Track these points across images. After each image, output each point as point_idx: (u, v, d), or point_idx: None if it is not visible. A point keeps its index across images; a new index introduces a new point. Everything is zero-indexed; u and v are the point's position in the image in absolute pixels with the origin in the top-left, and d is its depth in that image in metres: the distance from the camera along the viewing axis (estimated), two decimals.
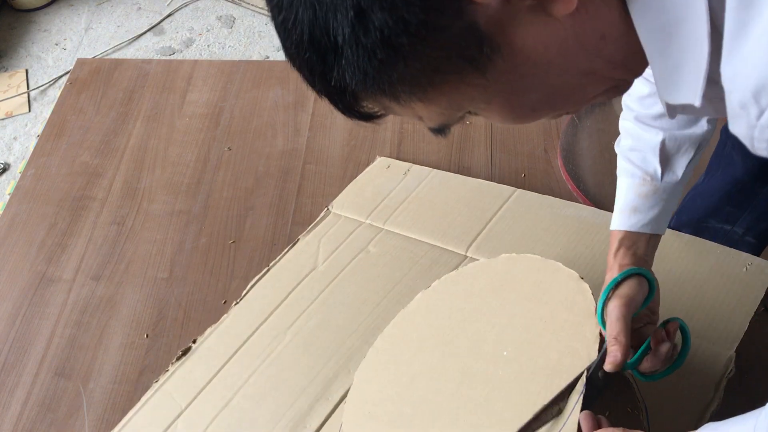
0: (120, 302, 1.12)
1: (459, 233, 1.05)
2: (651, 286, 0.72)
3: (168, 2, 1.73)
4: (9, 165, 1.39)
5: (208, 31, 1.64)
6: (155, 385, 0.96)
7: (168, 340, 1.07)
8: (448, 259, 1.02)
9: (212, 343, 1.00)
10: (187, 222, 1.23)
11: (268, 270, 1.07)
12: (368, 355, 0.86)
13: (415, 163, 1.28)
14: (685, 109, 0.48)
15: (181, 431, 0.90)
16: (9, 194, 1.32)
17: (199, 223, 1.23)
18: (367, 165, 1.29)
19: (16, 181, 1.33)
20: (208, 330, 1.01)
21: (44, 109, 1.50)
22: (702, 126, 0.74)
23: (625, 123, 0.78)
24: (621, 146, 0.78)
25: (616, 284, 0.71)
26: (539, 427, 0.67)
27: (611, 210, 0.77)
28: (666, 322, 0.71)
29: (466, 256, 1.02)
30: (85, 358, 1.06)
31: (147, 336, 1.08)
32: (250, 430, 0.88)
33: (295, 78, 1.51)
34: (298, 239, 1.12)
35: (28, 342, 1.09)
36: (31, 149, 1.39)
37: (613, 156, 1.32)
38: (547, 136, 1.30)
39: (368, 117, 0.51)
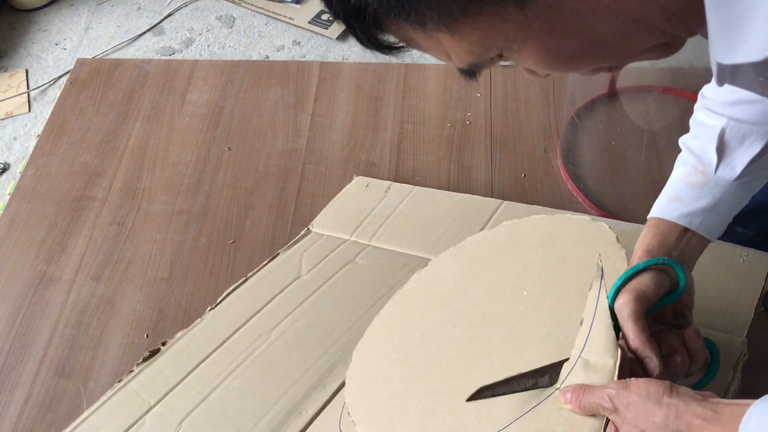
0: (120, 302, 1.12)
1: (450, 246, 1.01)
2: (679, 282, 0.62)
3: (168, 2, 1.73)
4: (9, 165, 1.39)
5: (208, 31, 1.64)
6: (117, 385, 0.90)
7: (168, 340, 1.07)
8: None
9: (185, 344, 0.95)
10: (187, 222, 1.23)
11: (245, 280, 1.03)
12: (366, 335, 0.81)
13: (416, 163, 1.28)
14: (737, 76, 0.41)
15: (149, 427, 0.83)
16: (9, 194, 1.32)
17: (199, 223, 1.23)
18: (367, 165, 1.29)
19: (16, 181, 1.33)
20: (180, 333, 0.97)
21: (44, 109, 1.50)
22: None
23: (694, 114, 0.70)
24: (683, 136, 0.70)
25: (631, 276, 0.62)
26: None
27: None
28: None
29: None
30: (85, 358, 1.06)
31: (147, 336, 1.08)
32: (236, 419, 0.82)
33: (295, 78, 1.53)
34: (278, 253, 1.07)
35: (28, 342, 1.09)
36: (31, 149, 1.39)
37: (613, 156, 1.32)
38: (547, 136, 1.30)
39: (388, 48, 0.45)
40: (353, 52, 1.54)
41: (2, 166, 1.39)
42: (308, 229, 1.13)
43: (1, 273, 1.18)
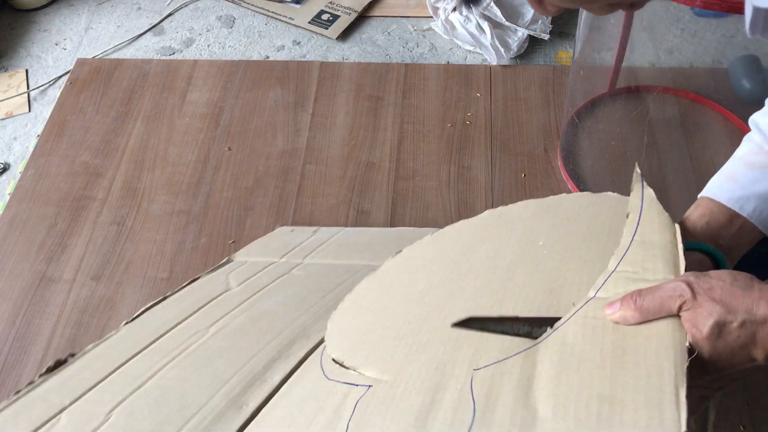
0: (120, 302, 1.12)
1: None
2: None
3: (168, 2, 1.73)
4: (9, 165, 1.39)
5: (208, 31, 1.64)
6: (13, 396, 0.74)
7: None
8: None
9: (100, 352, 0.81)
10: (187, 222, 1.23)
11: (164, 298, 0.91)
12: (341, 305, 0.70)
13: (416, 163, 1.28)
14: None
15: (66, 423, 0.69)
16: (9, 194, 1.32)
17: (199, 223, 1.23)
18: (367, 165, 1.29)
19: (16, 181, 1.33)
20: (90, 345, 0.83)
21: (44, 109, 1.50)
22: None
23: None
24: (755, 114, 0.63)
25: None
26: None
27: None
28: None
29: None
30: None
31: None
32: (183, 398, 0.69)
33: (295, 78, 1.53)
34: (198, 276, 0.97)
35: (28, 342, 1.09)
36: (31, 149, 1.39)
37: (613, 156, 1.32)
38: (547, 136, 1.30)
39: None
40: (353, 52, 1.54)
41: (2, 166, 1.39)
42: (229, 258, 1.02)
43: (1, 273, 1.18)
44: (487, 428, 0.45)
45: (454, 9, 1.53)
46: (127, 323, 0.87)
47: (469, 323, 0.54)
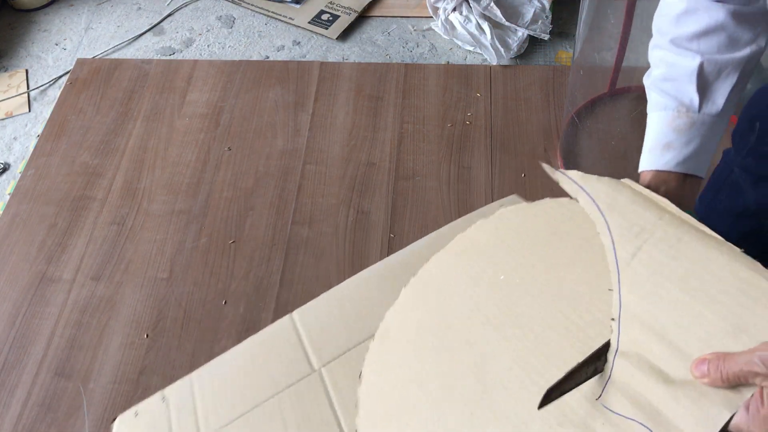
0: (120, 302, 1.12)
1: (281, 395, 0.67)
2: None
3: (168, 2, 1.73)
4: (9, 165, 1.39)
5: (208, 31, 1.64)
6: None
7: (168, 340, 1.07)
8: (304, 385, 0.65)
9: None
10: (187, 222, 1.23)
11: None
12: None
13: (416, 163, 1.28)
14: None
15: None
16: (9, 194, 1.32)
17: (199, 223, 1.23)
18: (367, 165, 1.29)
19: (16, 181, 1.33)
20: None
21: (44, 109, 1.50)
22: (745, 49, 0.63)
23: (656, 51, 0.68)
24: (652, 77, 0.68)
25: None
26: None
27: None
28: None
29: (314, 370, 0.65)
30: (85, 358, 1.06)
31: (147, 336, 1.08)
32: None
33: (295, 78, 1.52)
34: None
35: (28, 342, 1.09)
36: (31, 149, 1.39)
37: (613, 156, 1.32)
38: (547, 136, 1.30)
39: None
40: (353, 52, 1.54)
41: (2, 166, 1.39)
42: None
43: (1, 273, 1.18)
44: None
45: (454, 9, 1.53)
46: None
47: (550, 397, 0.49)
